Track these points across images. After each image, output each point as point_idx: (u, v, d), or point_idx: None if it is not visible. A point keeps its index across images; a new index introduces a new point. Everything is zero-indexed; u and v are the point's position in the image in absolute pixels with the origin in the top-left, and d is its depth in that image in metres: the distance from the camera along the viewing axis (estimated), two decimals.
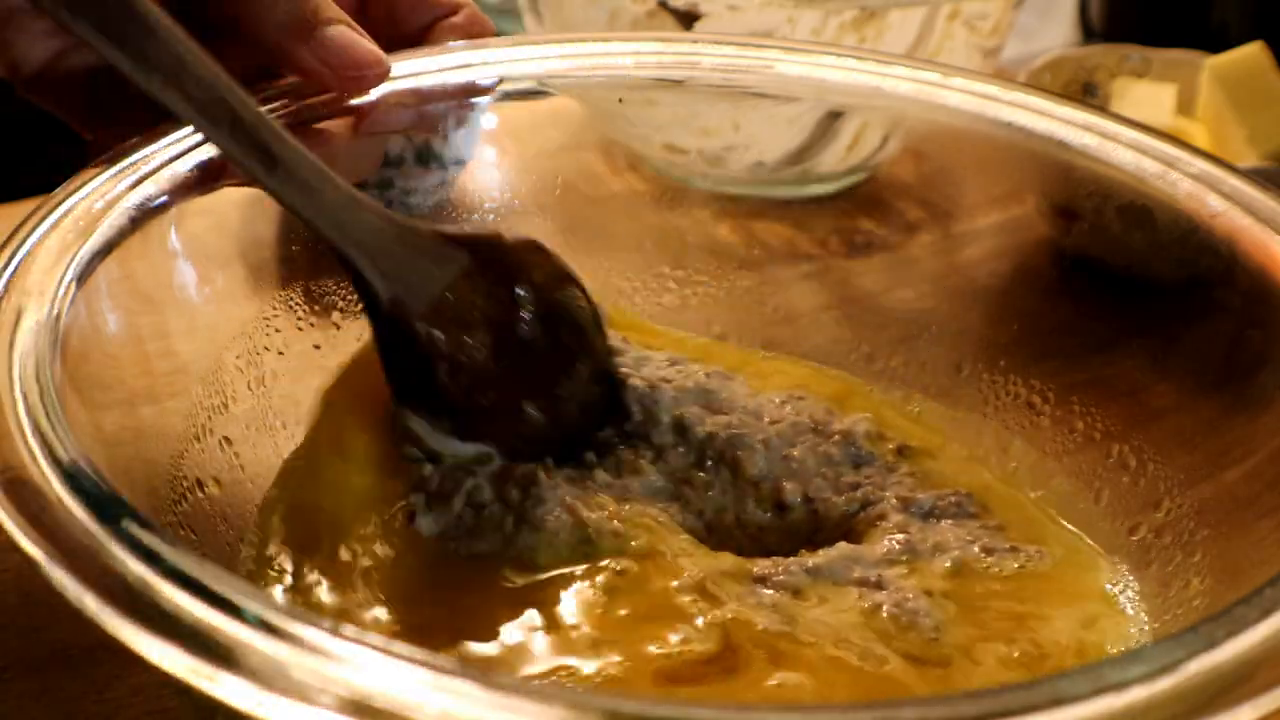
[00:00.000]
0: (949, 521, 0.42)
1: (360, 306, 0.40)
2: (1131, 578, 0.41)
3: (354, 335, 0.47)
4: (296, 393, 0.44)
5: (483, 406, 0.41)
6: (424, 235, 0.39)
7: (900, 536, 0.40)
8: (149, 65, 0.35)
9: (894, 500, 0.42)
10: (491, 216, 0.50)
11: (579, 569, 0.37)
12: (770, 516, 0.42)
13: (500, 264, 0.41)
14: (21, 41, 0.44)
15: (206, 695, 0.25)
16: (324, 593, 0.36)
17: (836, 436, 0.44)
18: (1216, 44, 0.74)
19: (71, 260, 0.36)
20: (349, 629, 0.25)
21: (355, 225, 0.38)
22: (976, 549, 0.40)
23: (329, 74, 0.43)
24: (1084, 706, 0.25)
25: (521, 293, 0.41)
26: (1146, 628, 0.39)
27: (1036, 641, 0.37)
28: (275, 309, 0.45)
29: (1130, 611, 0.40)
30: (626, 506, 0.40)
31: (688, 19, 0.63)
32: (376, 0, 0.48)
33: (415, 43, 0.48)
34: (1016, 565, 0.40)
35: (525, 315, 0.41)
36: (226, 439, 0.41)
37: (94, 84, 0.45)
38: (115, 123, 0.43)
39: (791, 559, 0.39)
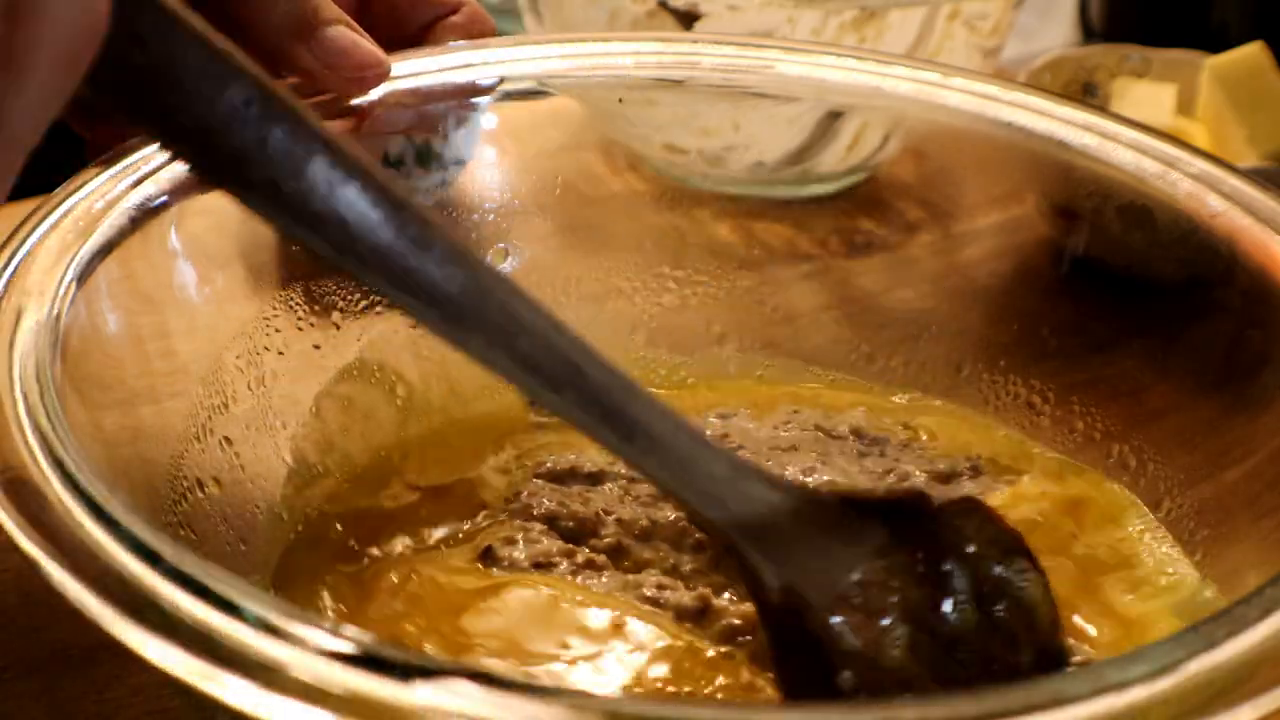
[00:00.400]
0: (969, 483, 0.43)
1: (360, 306, 0.40)
2: None
3: (354, 335, 0.47)
4: (296, 393, 0.44)
5: None
6: (828, 506, 0.32)
7: None
8: (468, 331, 0.28)
9: (919, 473, 0.43)
10: (491, 217, 0.50)
11: None
12: None
13: (926, 534, 0.33)
14: None
15: (206, 695, 0.25)
16: None
17: (848, 435, 0.45)
18: (1216, 44, 0.74)
19: (71, 260, 0.36)
20: (349, 629, 0.25)
21: (738, 499, 0.30)
22: None
23: (329, 75, 0.43)
24: (1084, 706, 0.25)
25: (951, 569, 0.33)
26: None
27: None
28: (275, 309, 0.45)
29: None
30: None
31: (688, 19, 0.63)
32: None
33: (416, 42, 0.48)
34: None
35: (956, 598, 0.33)
36: (226, 439, 0.41)
37: None
38: (115, 121, 0.43)
39: None
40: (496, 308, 0.28)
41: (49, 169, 0.41)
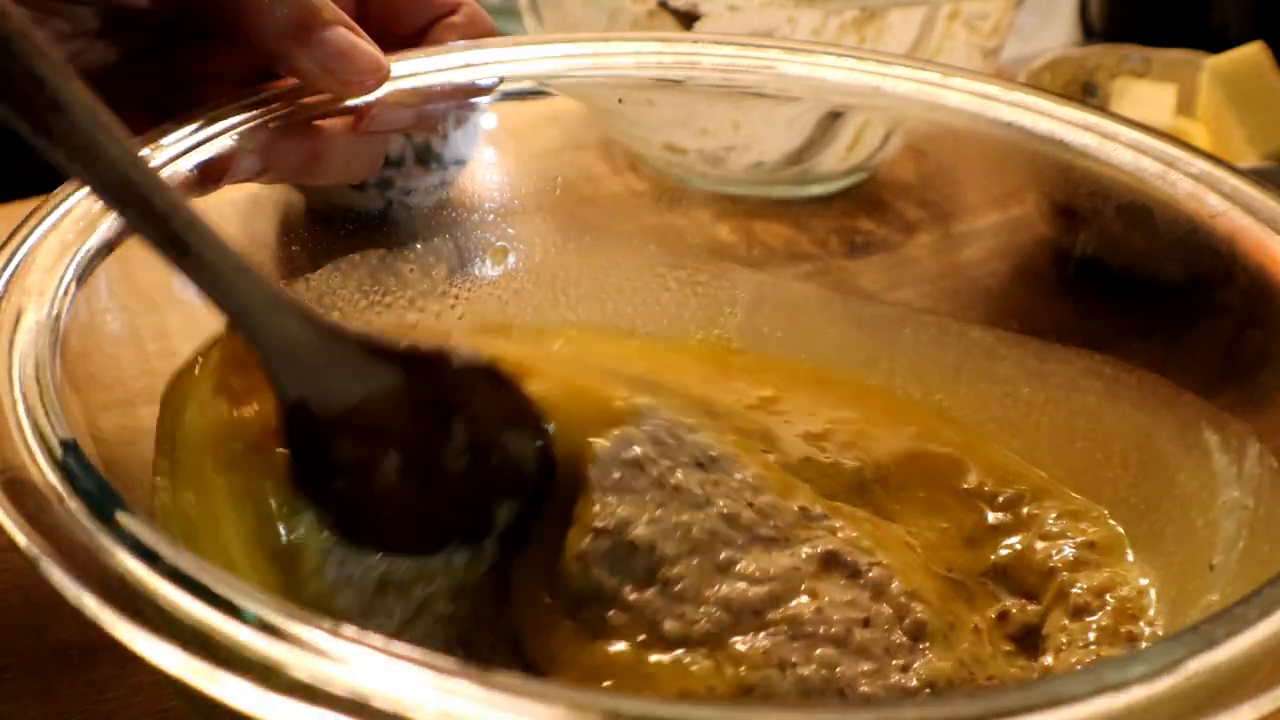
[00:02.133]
0: None
1: (360, 305, 0.40)
2: None
3: None
4: None
5: (378, 522, 0.38)
6: (349, 345, 0.37)
7: None
8: (54, 140, 0.32)
9: None
10: (491, 217, 0.50)
11: None
12: None
13: (437, 388, 0.38)
14: None
15: (206, 695, 0.25)
16: None
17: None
18: (1216, 44, 0.74)
19: (71, 260, 0.36)
20: (349, 629, 0.25)
21: (269, 326, 0.36)
22: None
23: (328, 77, 0.43)
24: (1084, 706, 0.25)
25: (453, 423, 0.38)
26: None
27: None
28: None
29: None
30: None
31: (688, 19, 0.63)
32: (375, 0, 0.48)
33: (414, 43, 0.48)
34: None
35: (452, 447, 0.38)
36: None
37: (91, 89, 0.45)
38: None
39: None
40: (84, 137, 0.32)
41: (49, 169, 0.41)
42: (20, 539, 0.27)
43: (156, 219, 0.33)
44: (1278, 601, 0.28)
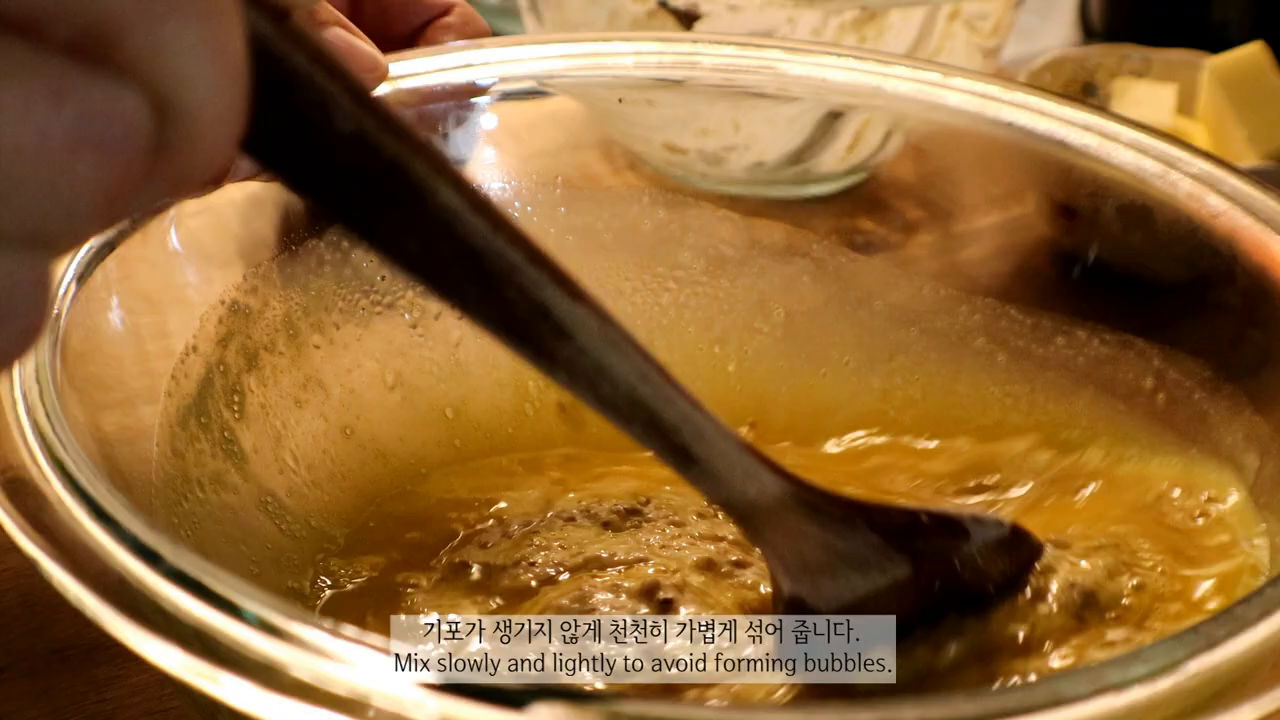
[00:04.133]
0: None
1: (361, 306, 0.40)
2: None
3: (353, 336, 0.47)
4: (295, 392, 0.44)
5: None
6: (860, 536, 0.33)
7: None
8: (556, 365, 0.28)
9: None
10: None
11: None
12: None
13: (955, 573, 0.35)
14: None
15: (206, 695, 0.25)
16: None
17: None
18: (1216, 44, 0.74)
19: (71, 260, 0.36)
20: (349, 629, 0.25)
21: (778, 528, 0.32)
22: None
23: None
24: (1084, 706, 0.25)
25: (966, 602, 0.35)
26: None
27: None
28: (275, 308, 0.45)
29: None
30: None
31: (688, 19, 0.63)
32: (369, 1, 0.48)
33: (408, 45, 0.48)
34: None
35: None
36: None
37: None
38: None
39: None
40: (589, 359, 0.28)
41: None
42: (20, 539, 0.27)
43: (664, 432, 0.30)
44: (1278, 601, 0.28)
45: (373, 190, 0.24)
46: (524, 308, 0.26)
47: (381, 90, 0.45)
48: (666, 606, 0.37)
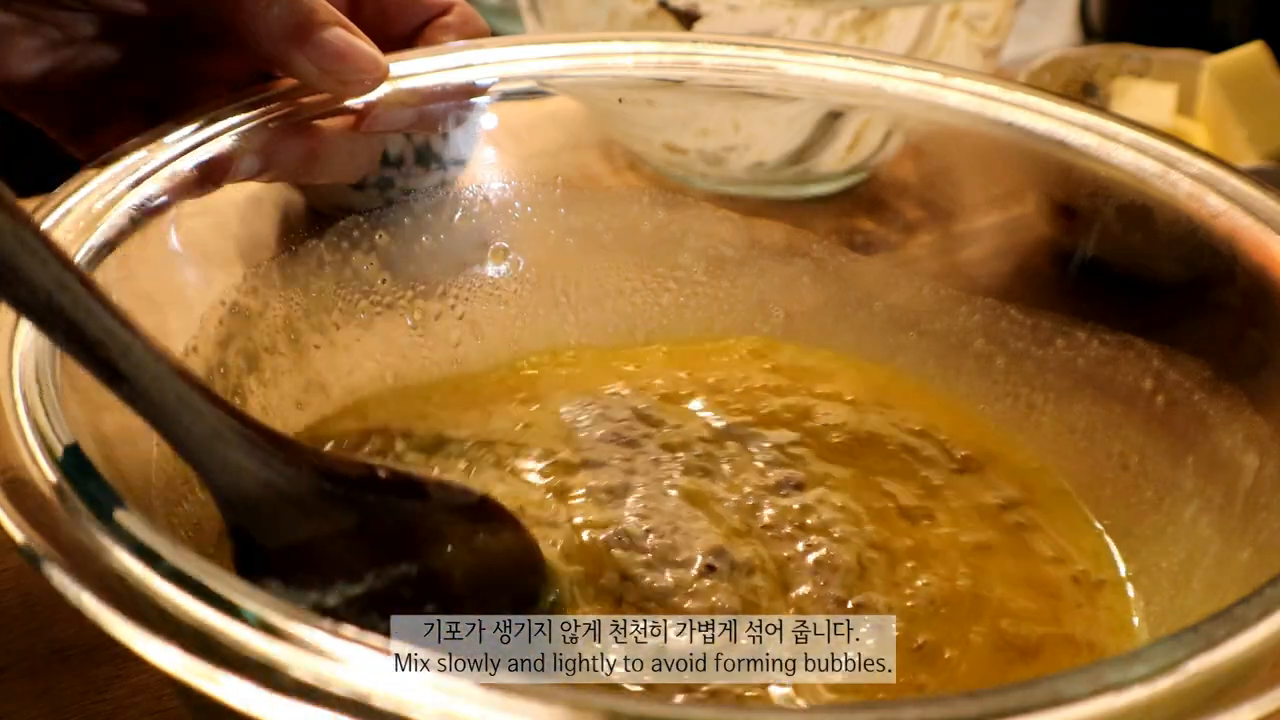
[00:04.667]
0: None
1: (361, 306, 0.40)
2: None
3: (353, 336, 0.47)
4: (295, 392, 0.44)
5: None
6: (305, 478, 0.34)
7: None
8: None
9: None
10: (491, 217, 0.50)
11: None
12: None
13: (402, 529, 0.36)
14: (12, 58, 0.44)
15: (206, 695, 0.25)
16: None
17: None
18: (1216, 44, 0.75)
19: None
20: (349, 629, 0.25)
21: (214, 458, 0.32)
22: None
23: (326, 78, 0.43)
24: (1084, 706, 0.25)
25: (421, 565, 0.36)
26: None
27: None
28: (275, 309, 0.45)
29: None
30: None
31: (688, 19, 0.63)
32: (368, 1, 0.48)
33: (408, 44, 0.48)
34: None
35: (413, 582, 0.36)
36: None
37: (85, 96, 0.44)
38: (107, 134, 0.42)
39: None
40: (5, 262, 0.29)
41: (49, 169, 0.41)
42: (20, 539, 0.27)
43: (87, 345, 0.30)
44: (1278, 601, 0.28)
45: None
46: None
47: (381, 90, 0.45)
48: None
